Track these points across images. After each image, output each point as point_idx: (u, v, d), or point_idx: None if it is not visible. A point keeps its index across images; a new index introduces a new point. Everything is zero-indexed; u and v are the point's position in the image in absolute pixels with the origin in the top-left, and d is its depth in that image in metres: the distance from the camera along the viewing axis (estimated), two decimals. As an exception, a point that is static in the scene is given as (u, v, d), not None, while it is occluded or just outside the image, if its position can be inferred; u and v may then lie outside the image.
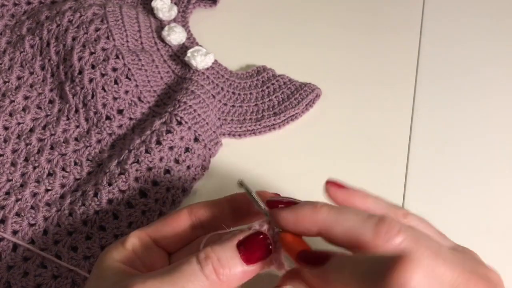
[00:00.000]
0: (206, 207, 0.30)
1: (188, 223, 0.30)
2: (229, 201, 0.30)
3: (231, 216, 0.30)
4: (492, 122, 0.46)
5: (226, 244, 0.26)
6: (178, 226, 0.30)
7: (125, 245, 0.29)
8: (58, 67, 0.45)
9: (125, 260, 0.28)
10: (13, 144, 0.42)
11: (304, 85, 0.45)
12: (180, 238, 0.30)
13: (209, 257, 0.25)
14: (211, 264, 0.25)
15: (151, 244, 0.29)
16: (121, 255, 0.28)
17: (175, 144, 0.40)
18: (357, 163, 0.43)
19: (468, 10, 0.54)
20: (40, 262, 0.37)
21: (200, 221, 0.30)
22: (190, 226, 0.30)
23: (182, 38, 0.48)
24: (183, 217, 0.30)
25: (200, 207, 0.30)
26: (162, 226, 0.30)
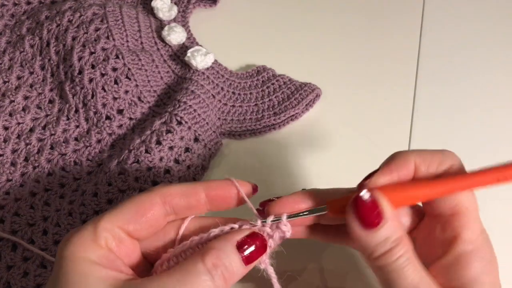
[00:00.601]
0: (181, 195, 0.29)
1: (162, 212, 0.28)
2: (205, 189, 0.29)
3: (206, 204, 0.29)
4: (492, 122, 0.46)
5: (227, 247, 0.26)
6: (151, 215, 0.28)
7: (98, 242, 0.26)
8: (58, 67, 0.45)
9: (104, 262, 0.26)
10: (13, 144, 0.42)
11: (304, 85, 0.45)
12: (152, 227, 0.28)
13: (218, 265, 0.25)
14: (220, 272, 0.25)
15: (123, 237, 0.27)
16: (96, 255, 0.26)
17: (175, 144, 0.40)
18: (357, 163, 0.43)
19: (468, 11, 0.54)
20: (40, 262, 0.37)
21: (174, 209, 0.29)
22: (163, 214, 0.29)
23: (182, 38, 0.48)
24: (156, 206, 0.28)
25: (175, 195, 0.28)
26: (134, 217, 0.27)
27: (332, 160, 0.43)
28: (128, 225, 0.27)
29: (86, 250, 0.26)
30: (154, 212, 0.28)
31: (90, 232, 0.26)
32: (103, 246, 0.26)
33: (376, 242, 0.26)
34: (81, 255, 0.25)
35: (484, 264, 0.27)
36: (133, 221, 0.27)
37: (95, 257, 0.26)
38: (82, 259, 0.25)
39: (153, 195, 0.28)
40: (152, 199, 0.28)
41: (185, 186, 0.29)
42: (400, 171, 0.28)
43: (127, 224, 0.27)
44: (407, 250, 0.26)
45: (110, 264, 0.26)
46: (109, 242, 0.27)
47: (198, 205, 0.29)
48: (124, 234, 0.27)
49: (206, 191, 0.29)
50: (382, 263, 0.26)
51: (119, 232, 0.27)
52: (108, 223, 0.27)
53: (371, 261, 0.27)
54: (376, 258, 0.26)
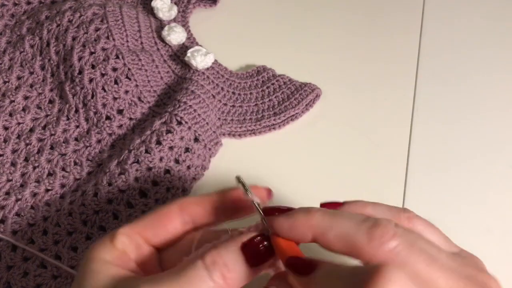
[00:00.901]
0: (197, 203, 0.29)
1: (179, 220, 0.29)
2: (221, 197, 0.29)
3: (223, 212, 0.29)
4: (492, 123, 0.46)
5: (231, 246, 0.25)
6: (169, 224, 0.28)
7: (115, 244, 0.27)
8: (58, 67, 0.45)
9: (117, 262, 0.27)
10: (13, 144, 0.42)
11: (304, 85, 0.45)
12: (171, 235, 0.29)
13: (216, 262, 0.24)
14: (218, 269, 0.24)
15: (141, 243, 0.28)
16: (111, 255, 0.27)
17: (175, 144, 0.40)
18: (357, 163, 0.43)
19: (468, 11, 0.54)
20: (40, 262, 0.37)
21: (191, 217, 0.29)
22: (181, 223, 0.29)
23: (182, 38, 0.48)
24: (174, 215, 0.29)
25: (191, 203, 0.29)
26: (152, 224, 0.28)
27: (332, 160, 0.43)
28: (146, 231, 0.28)
29: (103, 251, 0.27)
30: (170, 220, 0.28)
31: (110, 236, 0.28)
32: (119, 248, 0.27)
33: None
34: (98, 255, 0.27)
35: None
36: (150, 227, 0.28)
37: (110, 257, 0.26)
38: (98, 259, 0.26)
39: (170, 204, 0.29)
40: (170, 208, 0.29)
41: (202, 195, 0.30)
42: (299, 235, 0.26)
43: (144, 230, 0.28)
44: None
45: (122, 264, 0.27)
46: (125, 245, 0.27)
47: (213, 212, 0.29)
48: (142, 240, 0.28)
49: (221, 198, 0.29)
50: None
51: (137, 238, 0.28)
52: (129, 228, 0.28)
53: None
54: None
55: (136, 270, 0.27)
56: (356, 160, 0.43)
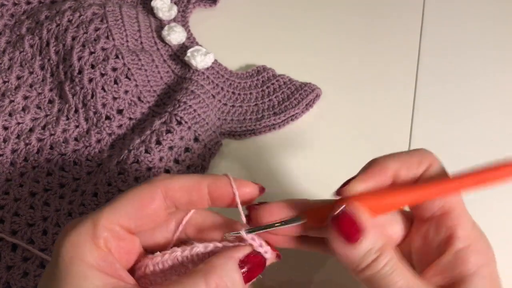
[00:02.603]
0: (183, 190, 0.28)
1: (163, 207, 0.27)
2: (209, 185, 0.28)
3: (208, 200, 0.29)
4: (492, 122, 0.46)
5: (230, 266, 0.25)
6: (152, 211, 0.27)
7: (97, 243, 0.25)
8: (58, 66, 0.45)
9: (102, 265, 0.25)
10: (13, 144, 0.42)
11: (304, 85, 0.45)
12: (153, 221, 0.28)
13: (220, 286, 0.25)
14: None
15: (123, 234, 0.26)
16: (95, 257, 0.25)
17: (175, 144, 0.40)
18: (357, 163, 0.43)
19: (468, 11, 0.54)
20: (40, 262, 0.37)
21: (175, 203, 0.28)
22: (164, 209, 0.28)
23: (182, 38, 0.48)
24: (157, 201, 0.27)
25: (177, 189, 0.27)
26: (135, 213, 0.26)
27: (332, 160, 0.43)
28: (129, 222, 0.26)
29: (84, 250, 0.24)
30: (155, 207, 0.27)
31: (89, 230, 0.25)
32: (102, 247, 0.25)
33: (359, 255, 0.26)
34: (78, 255, 0.24)
35: (481, 257, 0.27)
36: (134, 217, 0.26)
37: (93, 259, 0.24)
38: (80, 261, 0.24)
39: (154, 188, 0.27)
40: (153, 193, 0.27)
41: (188, 180, 0.28)
42: (378, 177, 0.28)
43: (128, 221, 0.26)
44: (391, 258, 0.26)
45: (109, 268, 0.25)
46: (108, 242, 0.25)
47: (200, 201, 0.28)
48: (124, 231, 0.26)
49: (209, 188, 0.28)
50: (367, 274, 0.26)
51: (120, 230, 0.26)
52: (108, 221, 0.26)
53: (357, 273, 0.26)
54: (361, 270, 0.26)
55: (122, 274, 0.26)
56: (356, 160, 0.43)
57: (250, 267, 0.26)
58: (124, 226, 0.26)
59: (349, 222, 0.26)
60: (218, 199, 0.29)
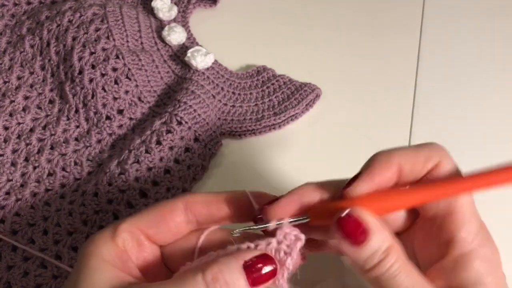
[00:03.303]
0: (203, 204, 0.29)
1: (183, 219, 0.28)
2: (228, 200, 0.29)
3: (229, 215, 0.29)
4: (492, 122, 0.46)
5: (232, 264, 0.25)
6: (172, 222, 0.28)
7: (116, 241, 0.27)
8: (58, 67, 0.45)
9: (116, 261, 0.26)
10: (13, 144, 0.42)
11: (304, 85, 0.45)
12: (173, 234, 0.28)
13: (217, 279, 0.24)
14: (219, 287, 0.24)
15: (143, 240, 0.28)
16: (111, 253, 0.26)
17: (175, 144, 0.40)
18: (357, 163, 0.43)
19: (468, 10, 0.54)
20: (40, 262, 0.37)
21: (196, 217, 0.29)
22: (185, 221, 0.28)
23: (182, 38, 0.48)
24: (178, 212, 0.28)
25: (197, 203, 0.29)
26: (155, 221, 0.28)
27: (332, 160, 0.43)
28: (148, 228, 0.28)
29: (102, 247, 0.26)
30: (175, 217, 0.28)
31: (110, 231, 0.27)
32: (120, 245, 0.27)
33: (365, 256, 0.25)
34: (97, 251, 0.26)
35: (485, 264, 0.26)
36: (153, 225, 0.28)
37: (109, 255, 0.26)
38: (96, 256, 0.26)
39: (176, 200, 0.29)
40: (174, 204, 0.28)
41: (209, 195, 0.29)
42: (383, 175, 0.27)
43: (147, 227, 0.28)
44: (397, 258, 0.26)
45: (121, 264, 0.26)
46: (126, 242, 0.27)
47: (219, 215, 0.29)
48: (143, 237, 0.28)
49: (229, 201, 0.29)
50: (374, 275, 0.26)
51: (139, 235, 0.28)
52: (128, 224, 0.27)
53: (364, 273, 0.26)
54: (367, 270, 0.26)
55: (133, 272, 0.27)
56: (356, 160, 0.43)
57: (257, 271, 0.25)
58: (144, 232, 0.28)
59: (354, 226, 0.25)
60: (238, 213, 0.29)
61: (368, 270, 0.26)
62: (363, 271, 0.26)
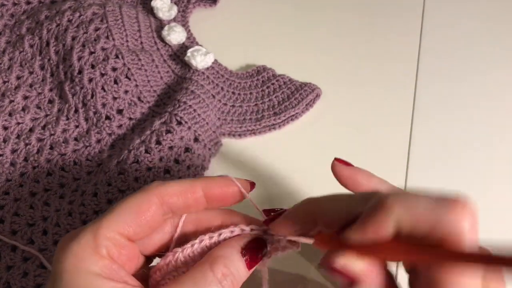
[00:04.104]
0: (178, 195, 0.28)
1: (160, 213, 0.28)
2: (204, 187, 0.28)
3: (204, 203, 0.29)
4: (492, 123, 0.46)
5: (233, 255, 0.26)
6: (151, 219, 0.27)
7: (99, 252, 0.25)
8: (58, 66, 0.45)
9: (108, 273, 0.25)
10: (13, 144, 0.42)
11: (304, 85, 0.45)
12: (151, 227, 0.28)
13: (227, 275, 0.25)
14: (230, 281, 0.25)
15: (124, 242, 0.26)
16: (99, 266, 0.24)
17: (175, 144, 0.40)
18: (357, 163, 0.43)
19: (468, 11, 0.54)
20: (40, 262, 0.37)
21: (172, 209, 0.28)
22: (162, 214, 0.28)
23: (182, 38, 0.48)
24: (154, 208, 0.27)
25: (172, 194, 0.28)
26: (133, 221, 0.27)
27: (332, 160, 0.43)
28: (129, 230, 0.26)
29: (87, 261, 0.24)
30: (152, 214, 0.27)
31: (90, 241, 0.25)
32: (105, 255, 0.25)
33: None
34: (82, 266, 0.24)
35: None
36: (133, 225, 0.27)
37: (98, 269, 0.24)
38: (85, 272, 0.24)
39: (150, 195, 0.27)
40: (150, 200, 0.27)
41: (182, 184, 0.28)
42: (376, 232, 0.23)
43: (127, 229, 0.26)
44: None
45: (114, 275, 0.25)
46: (110, 251, 0.25)
47: (195, 204, 0.29)
48: (124, 239, 0.27)
49: (204, 190, 0.28)
50: None
51: (120, 238, 0.26)
52: (107, 230, 0.26)
53: None
54: None
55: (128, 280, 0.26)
56: (356, 160, 0.43)
57: (251, 254, 0.27)
58: (124, 234, 0.26)
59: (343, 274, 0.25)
60: (213, 200, 0.29)
61: None
62: None
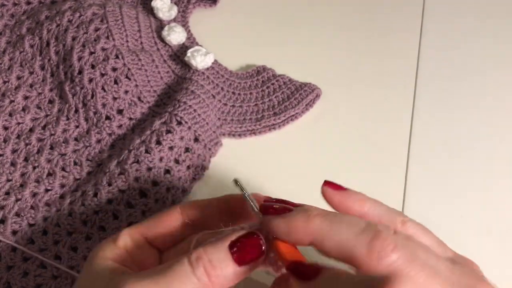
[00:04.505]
0: (197, 207, 0.30)
1: (180, 222, 0.30)
2: (221, 203, 0.30)
3: (222, 218, 0.30)
4: (492, 123, 0.46)
5: (218, 244, 0.25)
6: (170, 225, 0.30)
7: (117, 243, 0.29)
8: (58, 67, 0.45)
9: (117, 258, 0.28)
10: (13, 144, 0.42)
11: (304, 85, 0.45)
12: (172, 236, 0.30)
13: (201, 258, 0.24)
14: (202, 265, 0.24)
15: (143, 243, 0.29)
16: (113, 253, 0.28)
17: (175, 144, 0.40)
18: (357, 163, 0.43)
19: (468, 10, 0.54)
20: (40, 262, 0.37)
21: (191, 221, 0.30)
22: (182, 225, 0.30)
23: (182, 38, 0.48)
24: (175, 216, 0.30)
25: (192, 207, 0.30)
26: (154, 225, 0.30)
27: (332, 160, 0.43)
28: (148, 232, 0.29)
29: (105, 249, 0.28)
30: (171, 221, 0.30)
31: (114, 236, 0.29)
32: (120, 246, 0.29)
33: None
34: (100, 253, 0.28)
35: None
36: (152, 228, 0.30)
37: (110, 253, 0.28)
38: (99, 257, 0.28)
39: (173, 206, 0.31)
40: (171, 210, 0.30)
41: (203, 200, 0.31)
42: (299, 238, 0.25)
43: (147, 231, 0.30)
44: None
45: (121, 261, 0.28)
46: (127, 245, 0.29)
47: (212, 217, 0.30)
48: (143, 241, 0.29)
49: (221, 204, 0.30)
50: None
51: (139, 238, 0.29)
52: (132, 229, 0.30)
53: None
54: None
55: (133, 268, 0.28)
56: (356, 160, 0.43)
57: (242, 248, 0.25)
58: (143, 235, 0.30)
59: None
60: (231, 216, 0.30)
61: None
62: None
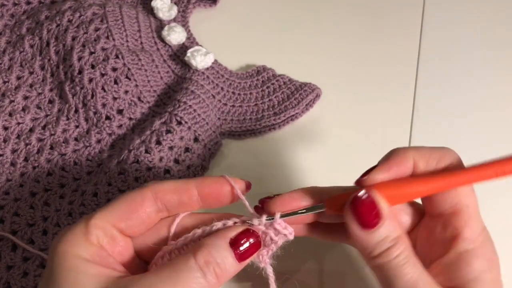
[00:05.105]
0: (173, 192, 0.28)
1: (153, 209, 0.28)
2: (198, 186, 0.29)
3: (198, 201, 0.29)
4: (492, 123, 0.46)
5: (220, 244, 0.26)
6: (143, 213, 0.28)
7: (89, 239, 0.26)
8: (58, 67, 0.45)
9: (96, 259, 0.26)
10: (13, 144, 0.42)
11: (304, 85, 0.45)
12: (145, 224, 0.28)
13: (209, 262, 0.25)
14: (212, 269, 0.25)
15: (115, 234, 0.27)
16: (88, 252, 0.26)
17: (175, 144, 0.40)
18: (357, 163, 0.43)
19: (468, 12, 0.54)
20: (40, 262, 0.37)
21: (166, 206, 0.29)
22: (155, 211, 0.28)
23: (182, 38, 0.48)
24: (147, 203, 0.28)
25: (166, 191, 0.28)
26: (126, 214, 0.27)
27: (332, 160, 0.43)
28: (120, 222, 0.27)
29: (77, 246, 0.26)
30: (145, 208, 0.28)
31: (82, 229, 0.26)
32: (95, 243, 0.26)
33: (374, 241, 0.26)
34: (72, 251, 0.25)
35: (485, 262, 0.27)
36: (125, 218, 0.27)
37: (87, 254, 0.26)
38: (73, 256, 0.25)
39: (144, 190, 0.28)
40: (144, 195, 0.28)
41: (178, 182, 0.29)
42: (398, 167, 0.28)
43: (119, 221, 0.27)
44: (405, 248, 0.26)
45: (102, 261, 0.26)
46: (100, 239, 0.26)
47: (190, 202, 0.29)
48: (116, 231, 0.27)
49: (198, 188, 0.29)
50: (380, 261, 0.26)
51: (111, 230, 0.27)
52: (99, 220, 0.27)
53: (370, 260, 0.27)
54: (374, 257, 0.26)
55: (116, 267, 0.27)
56: (356, 160, 0.43)
57: (242, 245, 0.26)
58: (116, 226, 0.27)
59: (369, 208, 0.26)
60: (207, 199, 0.29)
61: (376, 256, 0.26)
62: (370, 257, 0.26)
